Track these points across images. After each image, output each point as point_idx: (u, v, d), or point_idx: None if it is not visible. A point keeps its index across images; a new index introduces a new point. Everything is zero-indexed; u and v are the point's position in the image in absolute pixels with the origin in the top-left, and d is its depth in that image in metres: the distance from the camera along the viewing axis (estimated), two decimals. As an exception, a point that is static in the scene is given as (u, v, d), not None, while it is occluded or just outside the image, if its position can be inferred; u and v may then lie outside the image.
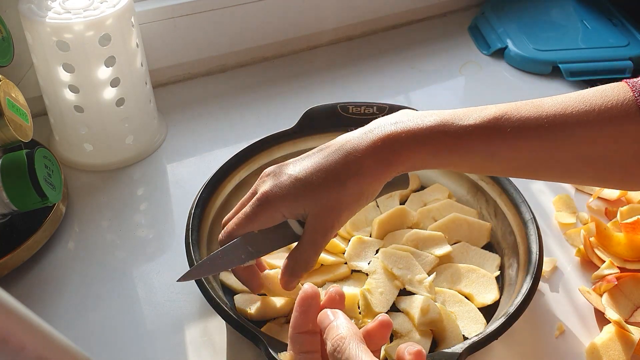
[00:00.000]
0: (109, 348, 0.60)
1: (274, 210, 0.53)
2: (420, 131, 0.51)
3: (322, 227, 0.53)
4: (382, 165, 0.51)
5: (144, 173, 0.80)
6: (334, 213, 0.52)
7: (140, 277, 0.67)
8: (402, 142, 0.51)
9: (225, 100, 0.92)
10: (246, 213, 0.54)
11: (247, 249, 0.54)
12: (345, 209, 0.52)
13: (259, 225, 0.54)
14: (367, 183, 0.51)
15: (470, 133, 0.50)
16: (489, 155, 0.51)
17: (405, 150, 0.51)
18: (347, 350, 0.41)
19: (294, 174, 0.53)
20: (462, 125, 0.51)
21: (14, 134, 0.61)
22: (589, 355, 0.59)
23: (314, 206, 0.52)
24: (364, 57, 1.02)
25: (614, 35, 1.02)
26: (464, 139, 0.51)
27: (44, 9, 0.71)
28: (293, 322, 0.46)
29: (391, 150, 0.51)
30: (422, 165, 0.52)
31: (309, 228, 0.53)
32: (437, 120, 0.51)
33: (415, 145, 0.51)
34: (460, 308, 0.62)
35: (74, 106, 0.75)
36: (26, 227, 0.66)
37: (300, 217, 0.53)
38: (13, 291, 0.64)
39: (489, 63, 1.02)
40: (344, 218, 0.53)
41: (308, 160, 0.53)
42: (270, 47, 1.00)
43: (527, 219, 0.64)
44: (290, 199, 0.52)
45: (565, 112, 0.49)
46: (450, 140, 0.51)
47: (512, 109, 0.51)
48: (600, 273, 0.65)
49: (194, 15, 0.90)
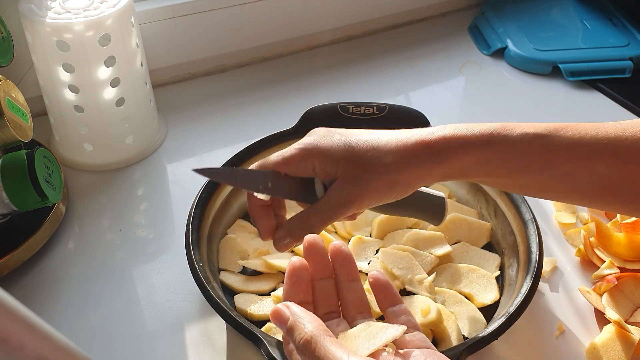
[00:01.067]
0: (109, 348, 0.60)
1: (308, 160, 0.51)
2: (478, 136, 0.49)
3: (343, 197, 0.50)
4: (429, 163, 0.49)
5: (144, 173, 0.80)
6: (363, 189, 0.50)
7: (140, 277, 0.67)
8: (457, 145, 0.49)
9: (225, 100, 0.92)
10: (283, 152, 0.53)
11: (267, 183, 0.51)
12: (375, 191, 0.50)
13: (289, 168, 0.52)
14: (408, 175, 0.50)
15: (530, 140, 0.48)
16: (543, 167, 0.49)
17: (457, 153, 0.49)
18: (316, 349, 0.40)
19: (345, 138, 0.51)
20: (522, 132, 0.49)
21: (13, 134, 0.61)
22: (589, 355, 0.59)
23: (346, 173, 0.50)
24: (364, 57, 1.02)
25: (614, 35, 1.02)
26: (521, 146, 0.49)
27: (44, 9, 0.71)
28: (285, 294, 0.46)
29: (444, 150, 0.49)
30: (468, 173, 0.50)
31: (331, 193, 0.51)
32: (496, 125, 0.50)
33: (470, 149, 0.49)
34: (460, 308, 0.62)
35: (74, 106, 0.75)
36: (26, 227, 0.66)
37: (329, 179, 0.52)
38: (13, 291, 0.64)
39: (489, 63, 1.02)
40: (368, 200, 0.51)
41: (366, 134, 0.52)
42: (270, 47, 1.00)
43: (527, 218, 0.64)
44: (329, 155, 0.51)
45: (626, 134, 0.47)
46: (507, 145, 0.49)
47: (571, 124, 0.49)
48: (600, 273, 0.66)
49: (194, 15, 0.90)
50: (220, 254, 0.66)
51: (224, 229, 0.69)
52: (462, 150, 0.49)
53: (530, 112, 0.91)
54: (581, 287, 0.64)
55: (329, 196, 0.51)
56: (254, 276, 0.65)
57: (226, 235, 0.68)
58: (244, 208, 0.72)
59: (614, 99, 0.93)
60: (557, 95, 0.95)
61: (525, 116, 0.91)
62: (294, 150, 0.52)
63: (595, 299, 0.63)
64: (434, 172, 0.50)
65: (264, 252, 0.66)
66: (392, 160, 0.49)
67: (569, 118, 0.89)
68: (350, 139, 0.51)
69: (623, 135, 0.47)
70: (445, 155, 0.49)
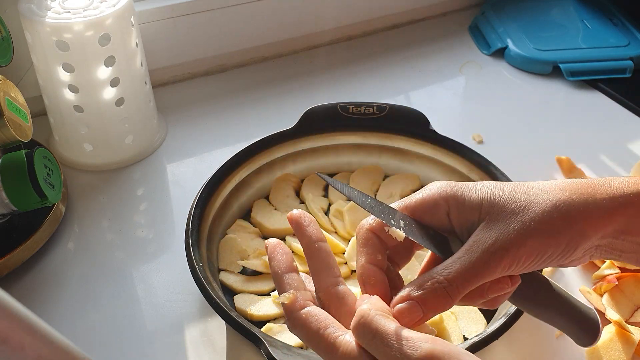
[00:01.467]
0: (109, 348, 0.60)
1: (439, 205, 0.42)
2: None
3: (492, 241, 0.38)
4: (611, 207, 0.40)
5: (143, 173, 0.80)
6: (519, 230, 0.38)
7: (140, 277, 0.67)
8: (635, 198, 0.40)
9: (225, 100, 0.92)
10: (408, 197, 0.43)
11: (399, 220, 0.42)
12: (536, 233, 0.39)
13: (417, 211, 0.42)
14: (583, 216, 0.39)
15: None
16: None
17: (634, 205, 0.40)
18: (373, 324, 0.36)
19: (483, 183, 0.42)
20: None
21: (13, 134, 0.61)
22: (589, 356, 0.59)
23: (494, 215, 0.39)
24: (364, 57, 1.02)
25: (615, 35, 1.02)
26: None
27: (44, 9, 0.71)
28: (278, 266, 0.43)
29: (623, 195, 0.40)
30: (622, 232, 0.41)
31: (474, 237, 0.39)
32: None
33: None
34: (460, 308, 0.62)
35: (74, 106, 0.75)
36: (26, 227, 0.66)
37: (467, 229, 0.41)
38: (13, 291, 0.64)
39: (489, 63, 1.02)
40: (525, 249, 0.39)
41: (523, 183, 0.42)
42: (270, 47, 1.00)
43: (528, 219, 0.64)
44: (468, 197, 0.41)
45: None
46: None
47: None
48: (601, 273, 0.65)
49: (194, 15, 0.90)
50: (220, 254, 0.66)
51: (224, 229, 0.69)
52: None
53: (531, 112, 0.91)
54: (582, 287, 0.64)
55: (472, 242, 0.39)
56: (253, 276, 0.65)
57: (226, 236, 0.68)
58: (244, 208, 0.72)
59: (614, 99, 0.93)
60: (557, 95, 0.95)
61: (526, 116, 0.91)
62: (422, 193, 0.43)
63: (596, 299, 0.63)
64: (612, 221, 0.40)
65: (263, 252, 0.66)
66: (559, 196, 0.39)
67: (569, 118, 0.90)
68: (492, 183, 0.42)
69: None
70: (635, 200, 0.40)
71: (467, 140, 0.82)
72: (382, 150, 0.76)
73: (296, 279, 0.43)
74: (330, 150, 0.76)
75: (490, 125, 0.88)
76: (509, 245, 0.38)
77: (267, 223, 0.70)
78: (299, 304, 0.41)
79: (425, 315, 0.38)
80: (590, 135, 0.87)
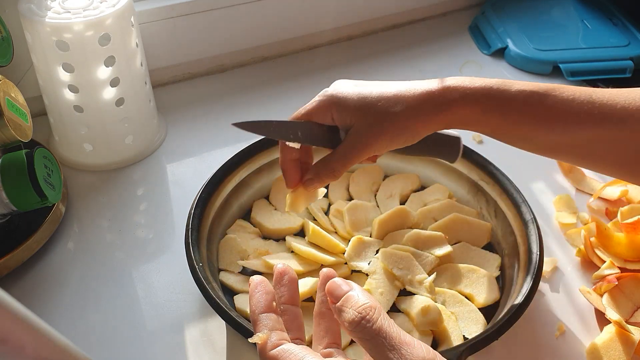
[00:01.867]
0: (109, 348, 0.60)
1: (327, 110, 0.56)
2: (478, 89, 0.54)
3: (359, 143, 0.55)
4: (433, 112, 0.54)
5: (143, 173, 0.80)
6: (375, 135, 0.55)
7: (140, 277, 0.67)
8: (458, 96, 0.54)
9: (224, 100, 0.92)
10: (306, 105, 0.58)
11: (297, 132, 0.57)
12: (386, 137, 0.55)
13: (312, 118, 0.57)
14: (414, 122, 0.54)
15: (526, 97, 0.53)
16: (537, 124, 0.53)
17: (458, 103, 0.53)
18: (379, 319, 0.39)
19: (357, 87, 0.56)
20: (519, 88, 0.53)
21: (13, 134, 0.61)
22: (589, 356, 0.59)
23: (360, 121, 0.55)
24: (364, 57, 1.02)
25: (615, 35, 1.02)
26: (517, 102, 0.53)
27: (44, 9, 0.70)
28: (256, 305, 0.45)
29: (446, 100, 0.54)
30: (469, 123, 0.55)
31: (347, 139, 0.56)
32: (496, 81, 0.54)
33: (470, 100, 0.53)
34: (460, 308, 0.62)
35: (74, 106, 0.75)
36: (26, 227, 0.66)
37: (347, 126, 0.56)
38: (13, 291, 0.64)
39: (490, 63, 1.02)
40: (381, 144, 0.55)
41: (375, 83, 0.57)
42: (269, 47, 1.00)
43: (528, 219, 0.64)
44: (343, 105, 0.55)
45: (618, 100, 0.51)
46: (504, 100, 0.53)
47: (564, 86, 0.53)
48: (601, 273, 0.65)
49: (194, 15, 0.90)
50: (220, 254, 0.66)
51: (224, 229, 0.69)
52: (463, 101, 0.53)
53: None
54: (582, 287, 0.64)
55: (346, 142, 0.56)
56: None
57: (226, 236, 0.68)
58: (244, 208, 0.72)
59: (614, 99, 0.93)
60: (557, 95, 0.95)
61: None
62: (315, 102, 0.57)
63: (596, 299, 0.63)
64: (436, 120, 0.54)
65: (263, 252, 0.66)
66: (400, 109, 0.54)
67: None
68: (363, 90, 0.56)
69: (615, 101, 0.51)
70: (447, 106, 0.54)
71: (467, 140, 0.83)
72: (382, 150, 0.76)
73: (272, 319, 0.44)
74: (330, 150, 0.76)
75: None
76: (367, 144, 0.55)
77: (267, 223, 0.70)
78: (271, 343, 0.42)
79: (321, 184, 0.58)
80: (590, 135, 0.87)
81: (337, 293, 0.42)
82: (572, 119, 0.52)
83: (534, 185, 0.78)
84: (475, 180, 0.71)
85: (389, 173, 0.77)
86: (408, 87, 0.55)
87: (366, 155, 0.56)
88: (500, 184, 0.68)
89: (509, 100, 0.53)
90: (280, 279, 0.47)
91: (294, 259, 0.65)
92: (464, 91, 0.54)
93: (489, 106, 0.53)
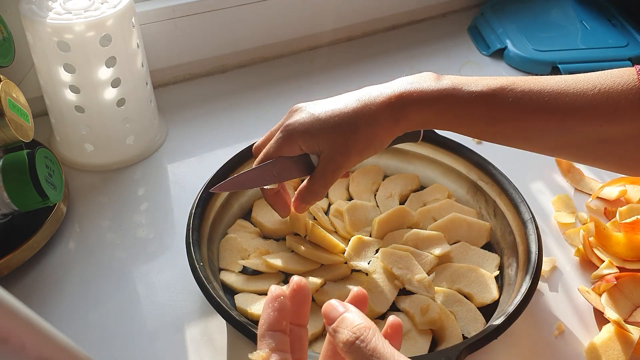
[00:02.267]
0: (109, 348, 0.60)
1: (293, 143, 0.58)
2: (431, 93, 0.55)
3: (332, 165, 0.58)
4: (392, 120, 0.56)
5: (144, 173, 0.80)
6: (344, 154, 0.57)
7: (141, 276, 0.67)
8: (413, 101, 0.55)
9: (225, 101, 0.92)
10: (271, 144, 0.60)
11: (272, 173, 0.59)
12: (355, 153, 0.57)
13: (283, 153, 0.59)
14: (377, 133, 0.56)
15: (476, 99, 0.55)
16: (490, 122, 0.55)
17: (415, 108, 0.55)
18: (373, 340, 0.38)
19: (315, 114, 0.58)
20: (469, 90, 0.55)
21: (14, 134, 0.61)
22: (588, 355, 0.59)
23: (327, 145, 0.57)
24: (364, 57, 1.02)
25: (613, 36, 1.02)
26: (469, 104, 0.55)
27: (45, 10, 0.71)
28: (265, 320, 0.43)
29: (402, 107, 0.55)
30: (429, 124, 0.57)
31: (321, 163, 0.58)
32: (448, 84, 0.56)
33: (424, 104, 0.55)
34: (459, 308, 0.62)
35: (75, 106, 0.75)
36: (27, 227, 0.67)
37: (316, 152, 0.59)
38: (14, 291, 0.64)
39: (489, 63, 1.02)
40: (353, 160, 0.58)
41: (330, 103, 0.58)
42: (270, 47, 1.00)
43: (527, 218, 0.64)
44: (308, 135, 0.57)
45: (568, 90, 0.53)
46: (456, 103, 0.55)
47: (519, 82, 0.55)
48: (600, 273, 0.66)
49: (194, 16, 0.90)
50: (221, 254, 0.67)
51: (225, 229, 0.69)
52: (417, 106, 0.55)
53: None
54: (580, 286, 0.64)
55: (320, 167, 0.59)
56: (254, 276, 0.65)
57: (226, 235, 0.68)
58: (245, 208, 0.72)
59: (613, 99, 0.93)
60: (556, 95, 0.95)
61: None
62: (279, 138, 0.59)
63: (595, 299, 0.63)
64: (397, 128, 0.57)
65: (264, 252, 0.66)
66: (361, 123, 0.56)
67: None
68: (319, 115, 0.58)
69: (565, 90, 0.53)
70: (404, 112, 0.55)
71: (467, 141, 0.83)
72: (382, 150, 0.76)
73: (277, 339, 0.42)
74: (330, 150, 0.76)
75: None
76: (341, 163, 0.57)
77: (267, 223, 0.70)
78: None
79: (308, 205, 0.62)
80: (589, 136, 0.87)
81: (332, 315, 0.41)
82: (521, 116, 0.54)
83: (532, 185, 0.78)
84: (474, 180, 0.72)
85: (389, 173, 0.77)
86: (364, 101, 0.57)
87: (342, 173, 0.59)
88: (499, 184, 0.68)
89: (460, 103, 0.55)
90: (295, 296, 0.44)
91: (294, 258, 0.66)
92: (418, 96, 0.55)
93: (442, 108, 0.55)
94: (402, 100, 0.55)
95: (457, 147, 0.73)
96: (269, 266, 0.64)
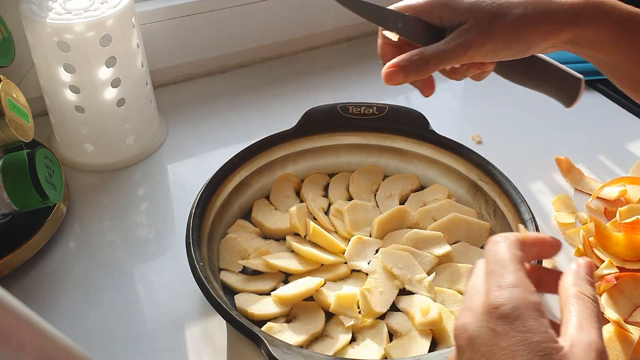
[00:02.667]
0: (109, 348, 0.60)
1: (436, 7, 0.52)
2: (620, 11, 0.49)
3: (463, 39, 0.50)
4: (560, 22, 0.49)
5: (144, 173, 0.80)
6: (484, 34, 0.50)
7: (141, 276, 0.67)
8: (594, 11, 0.49)
9: (225, 101, 0.92)
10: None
11: (397, 23, 0.53)
12: (497, 38, 0.50)
13: (420, 14, 0.53)
14: (533, 29, 0.49)
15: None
16: None
17: (593, 20, 0.49)
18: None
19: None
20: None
21: (14, 134, 0.61)
22: (588, 355, 0.59)
23: (472, 19, 0.50)
24: (364, 57, 1.02)
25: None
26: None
27: (45, 10, 0.71)
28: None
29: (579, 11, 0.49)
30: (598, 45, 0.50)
31: (453, 34, 0.51)
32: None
33: (607, 20, 0.49)
34: (459, 308, 0.62)
35: (75, 106, 0.75)
36: (27, 227, 0.67)
37: (456, 26, 0.51)
38: (14, 291, 0.64)
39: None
40: (489, 47, 0.50)
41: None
42: (270, 47, 1.00)
43: (526, 218, 0.64)
44: (456, 5, 0.51)
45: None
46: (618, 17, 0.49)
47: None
48: (600, 273, 0.66)
49: (195, 16, 0.90)
50: (221, 254, 0.67)
51: (225, 229, 0.69)
52: (600, 18, 0.48)
53: (529, 113, 0.91)
54: (580, 286, 0.64)
55: (450, 37, 0.51)
56: (254, 276, 0.65)
57: (226, 235, 0.68)
58: (245, 208, 0.72)
59: (613, 100, 0.93)
60: (556, 95, 0.95)
61: (524, 116, 0.91)
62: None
63: (594, 299, 0.63)
64: (561, 34, 0.49)
65: (264, 252, 0.66)
66: (521, 12, 0.49)
67: (567, 118, 0.90)
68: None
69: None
70: (578, 18, 0.48)
71: (466, 141, 0.83)
72: (382, 150, 0.76)
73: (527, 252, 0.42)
74: (330, 150, 0.76)
75: (489, 126, 0.88)
76: (473, 43, 0.50)
77: (267, 223, 0.70)
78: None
79: (406, 77, 0.52)
80: (588, 136, 0.87)
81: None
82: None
83: (532, 185, 0.78)
84: (474, 180, 0.72)
85: (389, 173, 0.77)
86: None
87: (468, 56, 0.51)
88: (499, 184, 0.68)
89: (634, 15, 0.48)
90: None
91: (294, 258, 0.66)
92: (610, 10, 0.48)
93: (628, 31, 0.48)
94: (588, 7, 0.48)
95: (457, 147, 0.73)
96: (269, 266, 0.64)
